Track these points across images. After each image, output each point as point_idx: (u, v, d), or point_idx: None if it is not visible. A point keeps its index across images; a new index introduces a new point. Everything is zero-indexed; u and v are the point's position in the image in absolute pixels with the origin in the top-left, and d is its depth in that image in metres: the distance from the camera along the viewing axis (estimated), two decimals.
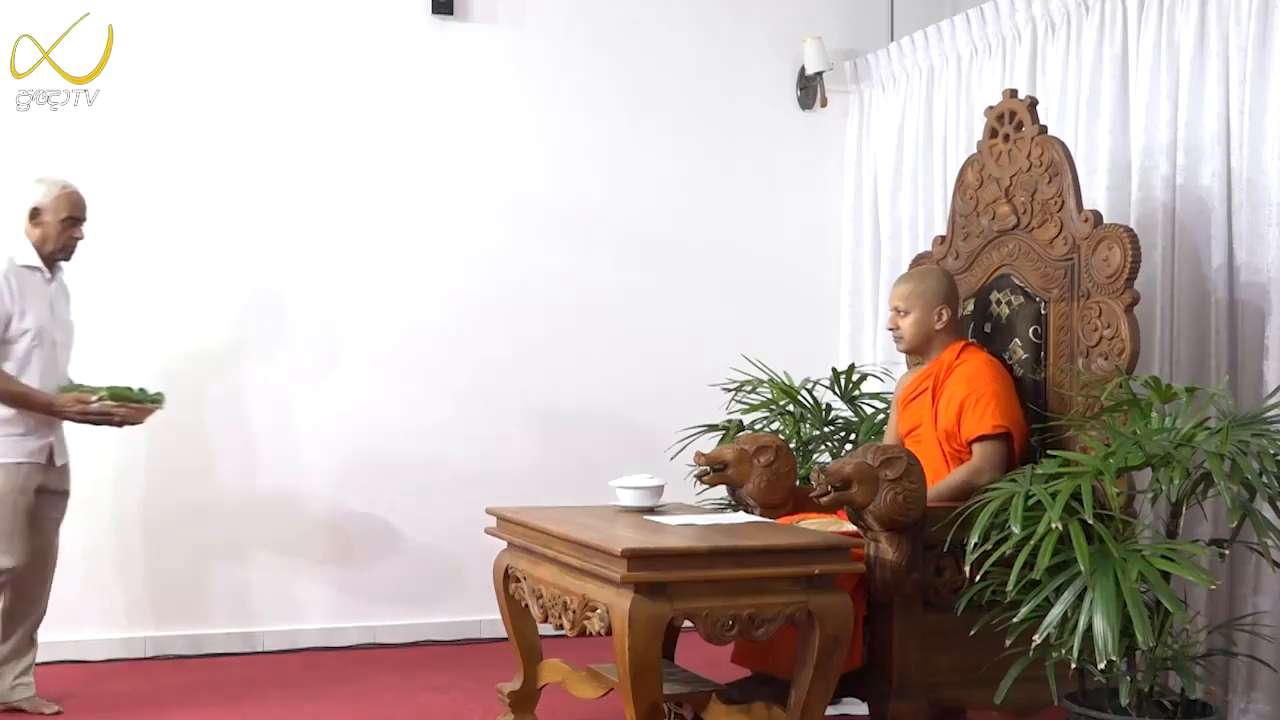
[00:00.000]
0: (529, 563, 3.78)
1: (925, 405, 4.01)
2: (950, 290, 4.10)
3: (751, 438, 4.12)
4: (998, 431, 3.80)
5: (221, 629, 5.24)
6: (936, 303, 4.04)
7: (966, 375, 3.92)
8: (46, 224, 4.23)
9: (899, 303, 4.09)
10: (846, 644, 3.32)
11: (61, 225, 4.25)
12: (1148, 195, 4.29)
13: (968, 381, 3.90)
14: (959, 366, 3.97)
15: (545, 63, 5.72)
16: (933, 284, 4.08)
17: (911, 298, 4.06)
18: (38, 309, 4.20)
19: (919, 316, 4.05)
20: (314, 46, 5.41)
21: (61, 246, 4.29)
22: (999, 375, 3.94)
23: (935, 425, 3.95)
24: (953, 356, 4.00)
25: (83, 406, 4.20)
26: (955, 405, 3.89)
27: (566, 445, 5.59)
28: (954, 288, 4.13)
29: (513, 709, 4.03)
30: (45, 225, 4.23)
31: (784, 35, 6.01)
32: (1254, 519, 3.15)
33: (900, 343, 4.14)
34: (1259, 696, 3.93)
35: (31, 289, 4.20)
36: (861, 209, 5.99)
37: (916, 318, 4.05)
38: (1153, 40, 4.31)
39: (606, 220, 5.77)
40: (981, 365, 3.95)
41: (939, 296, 4.05)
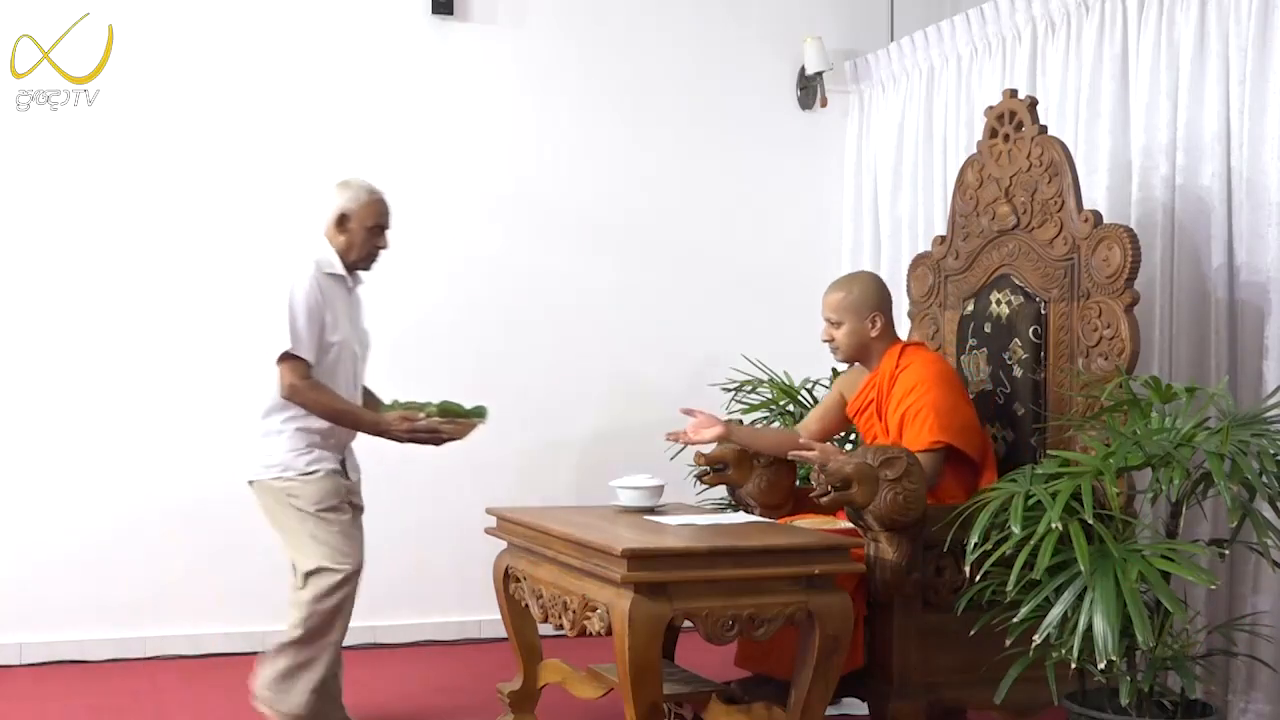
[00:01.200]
0: (529, 563, 3.78)
1: (875, 420, 3.93)
2: (881, 295, 3.99)
3: None
4: (934, 447, 3.69)
5: (221, 629, 5.23)
6: (868, 310, 3.92)
7: (908, 385, 3.81)
8: (353, 231, 3.97)
9: (830, 314, 3.96)
10: (846, 644, 3.33)
11: (368, 233, 3.98)
12: (1148, 195, 4.29)
13: (909, 393, 3.79)
14: (901, 375, 3.86)
15: (545, 63, 5.73)
16: (862, 291, 3.95)
17: (842, 308, 3.94)
18: (342, 320, 3.96)
19: (852, 326, 3.93)
20: (314, 46, 5.41)
21: (365, 255, 4.02)
22: (939, 381, 3.80)
23: (887, 438, 3.87)
24: (892, 364, 3.90)
25: (410, 425, 3.94)
26: (897, 420, 3.80)
27: (566, 445, 5.59)
28: (885, 292, 4.02)
29: (513, 709, 4.03)
30: (351, 232, 3.97)
31: (784, 35, 6.01)
32: (1254, 519, 3.16)
33: (837, 354, 4.02)
34: (1259, 696, 3.93)
35: (337, 298, 3.96)
36: (861, 209, 5.99)
37: (850, 328, 3.93)
38: (1153, 40, 4.31)
39: (606, 220, 5.78)
40: (922, 373, 3.82)
41: (870, 303, 3.93)
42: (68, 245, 5.12)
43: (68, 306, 5.12)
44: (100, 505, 5.10)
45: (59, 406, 5.10)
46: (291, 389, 3.81)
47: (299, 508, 3.83)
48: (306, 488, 3.85)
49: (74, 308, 5.13)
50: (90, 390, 5.13)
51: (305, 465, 3.86)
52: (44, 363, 5.09)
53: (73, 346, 5.12)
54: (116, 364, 5.17)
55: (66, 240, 5.12)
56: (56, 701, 4.52)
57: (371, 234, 4.00)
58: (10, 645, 5.01)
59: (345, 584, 3.80)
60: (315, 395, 3.84)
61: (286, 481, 3.85)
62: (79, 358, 5.13)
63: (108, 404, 5.14)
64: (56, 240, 5.11)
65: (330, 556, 3.80)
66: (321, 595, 3.78)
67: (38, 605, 5.02)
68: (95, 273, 5.15)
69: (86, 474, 5.11)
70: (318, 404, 3.85)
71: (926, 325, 4.55)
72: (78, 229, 5.13)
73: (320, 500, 3.85)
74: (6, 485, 5.04)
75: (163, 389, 5.20)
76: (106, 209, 5.18)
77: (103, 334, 5.15)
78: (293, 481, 3.85)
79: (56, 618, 5.05)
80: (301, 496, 3.84)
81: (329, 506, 3.85)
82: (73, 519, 5.08)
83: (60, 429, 5.09)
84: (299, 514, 3.84)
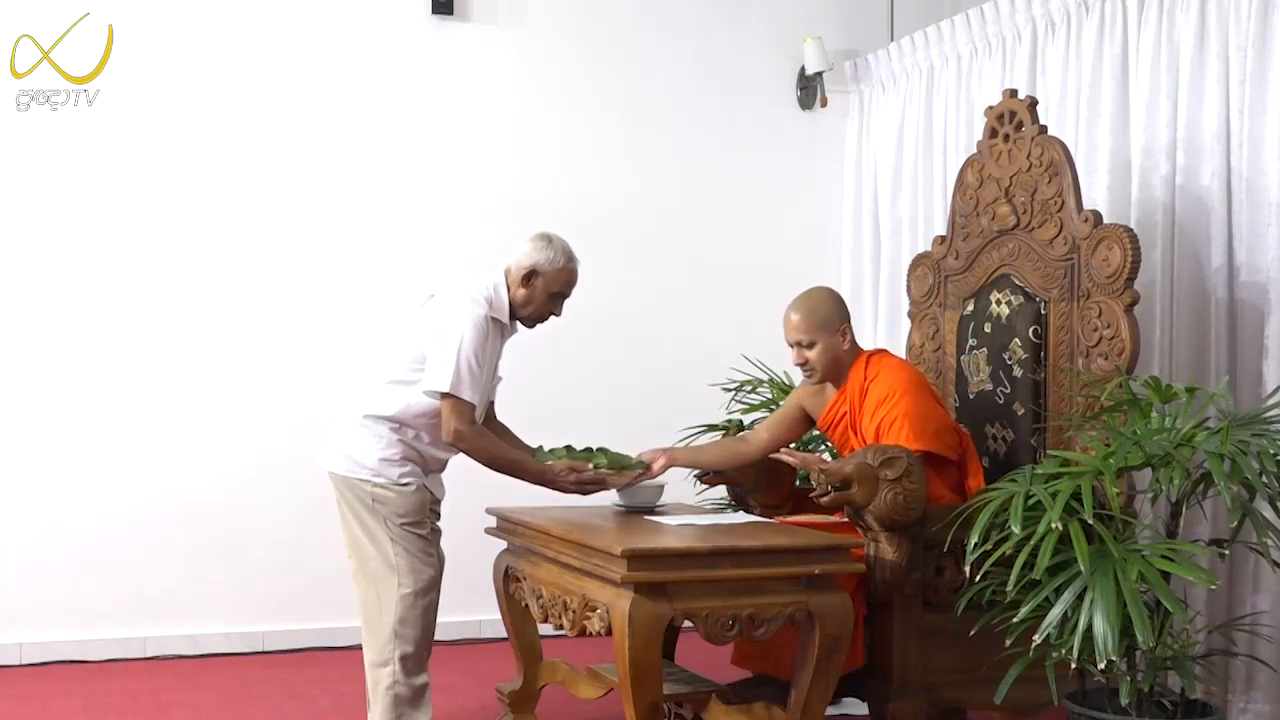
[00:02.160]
0: (529, 563, 3.78)
1: (850, 435, 3.88)
2: (844, 307, 3.91)
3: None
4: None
5: (221, 629, 5.24)
6: (837, 325, 3.84)
7: (880, 395, 3.75)
8: (536, 290, 3.78)
9: (800, 336, 3.84)
10: (846, 644, 3.32)
11: (550, 298, 3.81)
12: (1148, 195, 4.29)
13: (882, 402, 3.74)
14: (871, 386, 3.81)
15: (545, 63, 5.73)
16: (828, 307, 3.87)
17: (813, 328, 3.83)
18: (490, 370, 3.82)
19: (826, 344, 3.83)
20: (314, 47, 5.41)
21: (537, 317, 3.86)
22: (910, 388, 3.75)
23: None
24: (861, 376, 3.84)
25: (577, 477, 3.81)
26: (873, 432, 3.75)
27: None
28: (844, 303, 3.95)
29: (513, 709, 4.03)
30: (534, 290, 3.78)
31: (784, 35, 6.01)
32: (1254, 519, 3.16)
33: (813, 376, 3.89)
34: (1258, 696, 3.93)
35: (493, 345, 3.80)
36: (861, 209, 5.99)
37: (824, 346, 3.83)
38: (1153, 40, 4.31)
39: (607, 220, 5.77)
40: (892, 381, 3.77)
41: (838, 318, 3.85)
42: (68, 245, 5.12)
43: (68, 306, 5.12)
44: (100, 505, 5.10)
45: (59, 407, 5.10)
46: (457, 435, 3.65)
47: (385, 516, 3.71)
48: (396, 498, 3.71)
49: (74, 308, 5.12)
50: (90, 390, 5.13)
51: (399, 476, 3.72)
52: (44, 363, 5.09)
53: (73, 347, 5.12)
54: (116, 364, 5.17)
55: (67, 240, 5.12)
56: (56, 701, 4.52)
57: (553, 300, 3.83)
58: (10, 645, 5.01)
59: (424, 594, 3.71)
60: (482, 443, 3.72)
61: (375, 487, 3.71)
62: (79, 358, 5.13)
63: (108, 404, 5.14)
64: (57, 240, 5.11)
65: (409, 569, 3.69)
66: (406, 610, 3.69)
67: (38, 605, 5.02)
68: (95, 273, 5.15)
69: (87, 474, 5.11)
70: (483, 452, 3.73)
71: (926, 325, 4.55)
72: (78, 229, 5.14)
73: (406, 514, 3.71)
74: (7, 485, 5.04)
75: (163, 389, 5.20)
76: (107, 209, 5.18)
77: (103, 334, 5.15)
78: (383, 489, 3.71)
79: (56, 618, 5.05)
80: (389, 505, 3.71)
81: (414, 521, 3.72)
82: (73, 519, 5.08)
83: (60, 429, 5.09)
84: (383, 523, 3.71)
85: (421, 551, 3.73)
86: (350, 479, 3.73)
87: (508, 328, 3.87)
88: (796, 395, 4.09)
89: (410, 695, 3.71)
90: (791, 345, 3.89)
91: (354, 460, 3.72)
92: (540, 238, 3.82)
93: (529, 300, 3.80)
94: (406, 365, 3.72)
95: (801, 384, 4.11)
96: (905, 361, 4.03)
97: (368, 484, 3.70)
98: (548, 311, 3.86)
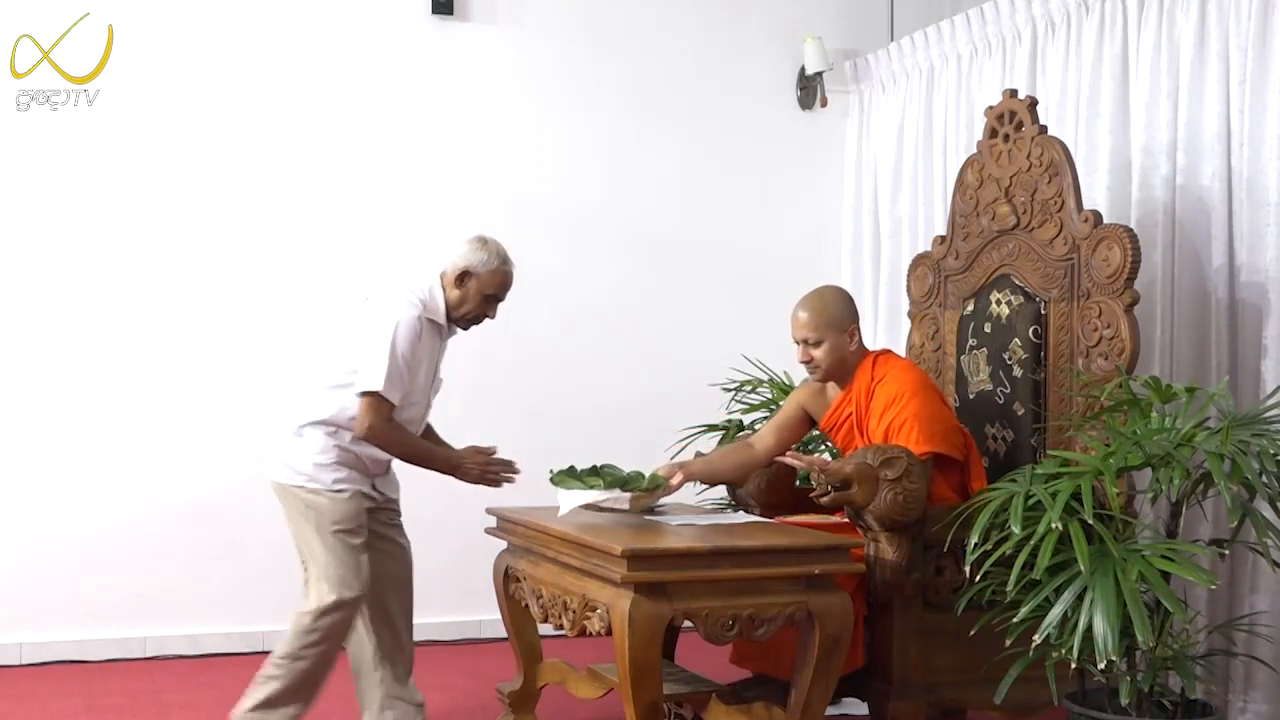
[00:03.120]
0: (529, 563, 3.78)
1: (856, 435, 3.87)
2: (853, 307, 3.91)
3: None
4: (923, 458, 3.61)
5: (221, 629, 5.24)
6: (846, 324, 3.83)
7: (888, 397, 3.74)
8: (470, 290, 3.83)
9: (808, 334, 3.83)
10: (846, 644, 3.32)
11: (484, 299, 3.86)
12: (1148, 195, 4.29)
13: (891, 404, 3.73)
14: (878, 387, 3.80)
15: (545, 63, 5.73)
16: (838, 307, 3.86)
17: (821, 326, 3.81)
18: (425, 369, 3.84)
19: (833, 343, 3.82)
20: (314, 47, 5.41)
21: (471, 318, 3.90)
22: (918, 390, 3.74)
23: None
24: (868, 377, 3.83)
25: (482, 461, 3.89)
26: (882, 434, 3.74)
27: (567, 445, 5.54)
28: (854, 304, 3.94)
29: (513, 709, 4.03)
30: (468, 290, 3.83)
31: (784, 35, 6.01)
32: (1254, 519, 3.16)
33: (817, 373, 3.89)
34: (1257, 696, 3.93)
35: (427, 347, 3.83)
36: (861, 209, 5.99)
37: (831, 345, 3.82)
38: (1153, 40, 4.31)
39: (607, 220, 5.77)
40: (900, 382, 3.76)
41: (847, 317, 3.85)
42: (68, 245, 5.12)
43: (68, 306, 5.12)
44: (100, 505, 5.10)
45: (59, 407, 5.10)
46: (371, 430, 3.68)
47: (316, 523, 3.73)
48: (329, 504, 3.73)
49: (74, 308, 5.12)
50: (90, 390, 5.13)
51: (333, 481, 3.74)
52: (44, 363, 5.09)
53: (73, 347, 5.12)
54: (117, 364, 5.17)
55: (67, 240, 5.12)
56: (56, 701, 4.52)
57: (486, 301, 3.88)
58: (10, 645, 5.01)
59: (340, 609, 3.69)
60: (395, 436, 3.75)
61: (309, 493, 3.74)
62: (79, 358, 5.13)
63: (108, 404, 5.14)
64: (57, 240, 5.11)
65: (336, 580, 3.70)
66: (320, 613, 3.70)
67: (38, 605, 5.02)
68: (95, 273, 5.15)
69: (87, 474, 5.11)
70: (397, 445, 3.78)
71: (926, 325, 4.55)
72: (78, 229, 5.13)
73: (340, 520, 3.73)
74: (7, 485, 5.04)
75: (163, 389, 5.20)
76: (106, 209, 5.17)
77: (102, 334, 5.15)
78: (316, 495, 3.74)
79: (56, 618, 5.05)
80: (323, 512, 3.73)
81: (346, 529, 3.73)
82: (73, 519, 5.08)
83: (60, 429, 5.09)
84: (315, 530, 3.73)
85: (354, 563, 3.73)
86: (287, 486, 3.78)
87: (444, 329, 3.90)
88: (797, 396, 4.08)
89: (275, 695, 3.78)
90: (798, 342, 3.88)
91: (290, 467, 3.77)
92: (476, 240, 3.88)
93: (463, 301, 3.86)
94: (343, 369, 3.76)
95: (802, 383, 4.10)
96: (911, 362, 4.03)
97: (303, 490, 3.75)
98: (482, 313, 3.91)
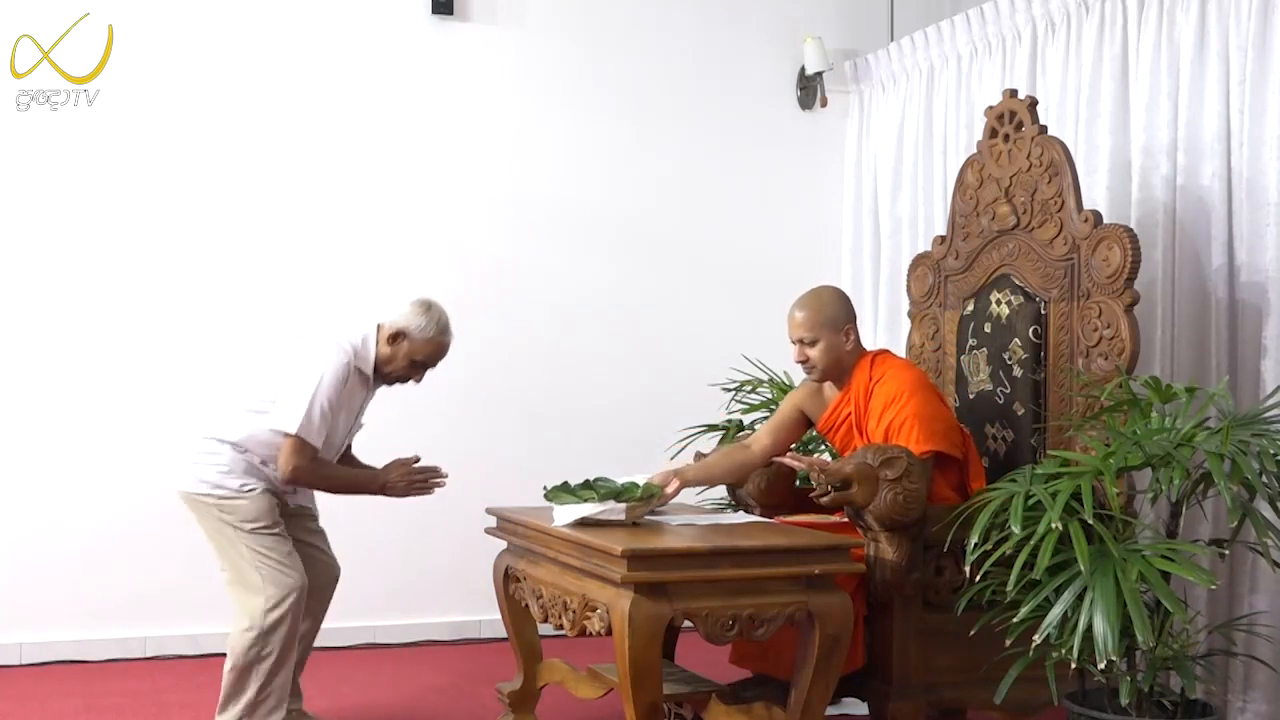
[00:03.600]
0: (529, 563, 3.78)
1: (854, 435, 3.87)
2: (850, 307, 3.92)
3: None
4: (924, 457, 3.61)
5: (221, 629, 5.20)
6: (842, 324, 3.85)
7: (886, 397, 3.75)
8: (400, 352, 3.86)
9: (804, 334, 3.84)
10: (846, 644, 3.32)
11: (411, 364, 3.89)
12: (1148, 195, 4.29)
13: (890, 404, 3.74)
14: (876, 387, 3.80)
15: (545, 63, 5.73)
16: (834, 306, 3.87)
17: (817, 326, 3.83)
18: (345, 416, 3.90)
19: (829, 343, 3.83)
20: (314, 47, 5.41)
21: (396, 378, 3.94)
22: (917, 389, 3.75)
23: None
24: (866, 377, 3.84)
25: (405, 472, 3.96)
26: (881, 435, 3.74)
27: (567, 445, 5.58)
28: (850, 304, 3.95)
29: (513, 709, 4.03)
30: (398, 350, 3.86)
31: (784, 35, 6.01)
32: (1254, 519, 3.16)
33: (813, 373, 3.90)
34: (1257, 696, 3.93)
35: (351, 396, 3.88)
36: (861, 209, 5.99)
37: (826, 345, 3.83)
38: (1153, 40, 4.31)
39: (607, 220, 5.78)
40: (899, 382, 3.77)
41: (843, 317, 3.86)
42: (68, 245, 5.12)
43: (67, 306, 5.12)
44: (100, 505, 5.10)
45: (58, 406, 5.10)
46: (296, 471, 3.76)
47: (234, 526, 3.80)
48: (244, 504, 3.80)
49: (73, 307, 5.12)
50: (90, 390, 5.13)
51: (239, 485, 3.82)
52: (44, 362, 5.09)
53: (72, 346, 5.12)
54: (116, 364, 5.17)
55: (66, 240, 5.12)
56: (56, 701, 4.52)
57: (414, 366, 3.91)
58: (10, 645, 5.01)
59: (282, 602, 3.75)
60: (318, 474, 3.83)
61: (219, 499, 3.81)
62: (78, 358, 5.13)
63: (107, 404, 5.14)
64: (56, 240, 5.11)
65: (271, 579, 3.76)
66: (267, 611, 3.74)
67: (38, 605, 5.02)
68: (95, 273, 5.15)
69: (86, 474, 5.11)
70: (321, 481, 3.88)
71: (926, 325, 4.55)
72: (78, 229, 5.13)
73: (255, 518, 3.80)
74: (6, 486, 5.04)
75: (163, 389, 5.20)
76: (106, 209, 5.17)
77: (102, 334, 5.15)
78: (227, 499, 3.81)
79: (56, 618, 5.05)
80: (236, 513, 3.80)
81: (265, 525, 3.81)
82: (72, 519, 5.08)
83: (60, 429, 5.09)
84: (234, 532, 3.80)
85: (283, 555, 3.80)
86: (194, 495, 3.85)
87: (371, 380, 3.93)
88: (793, 398, 4.08)
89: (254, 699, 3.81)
90: (794, 342, 3.89)
91: (195, 477, 3.85)
92: (420, 303, 3.91)
93: (391, 359, 3.89)
94: (264, 397, 3.83)
95: (801, 384, 4.10)
96: (909, 362, 4.03)
97: (210, 497, 3.82)
98: (407, 376, 3.94)
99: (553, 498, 3.67)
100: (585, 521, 3.52)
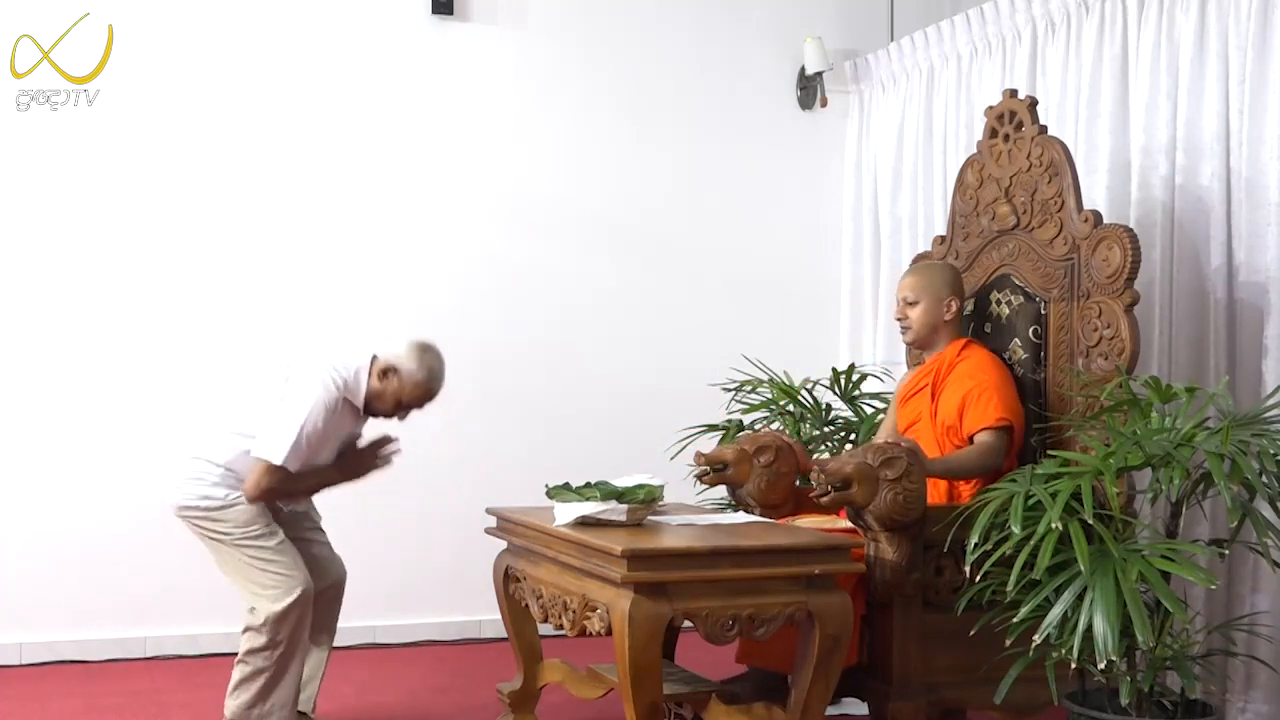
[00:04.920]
0: (529, 563, 3.78)
1: (925, 401, 4.03)
2: (958, 283, 4.12)
3: (751, 437, 4.12)
4: (1000, 424, 3.81)
5: (221, 629, 5.22)
6: (945, 295, 4.05)
7: (969, 370, 3.94)
8: (388, 389, 3.87)
9: (908, 293, 4.09)
10: (846, 644, 3.33)
11: (397, 403, 3.90)
12: (1147, 195, 4.29)
13: (969, 376, 3.92)
14: (960, 363, 3.98)
15: (545, 63, 5.73)
16: (941, 276, 4.10)
17: (920, 289, 4.07)
18: (331, 446, 3.93)
19: (927, 307, 4.05)
20: (314, 47, 5.41)
21: (381, 414, 3.95)
22: (1000, 370, 3.96)
23: (934, 420, 3.95)
24: (954, 353, 4.02)
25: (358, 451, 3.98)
26: (957, 400, 3.89)
27: (567, 445, 5.58)
28: (960, 281, 4.15)
29: (513, 709, 4.03)
30: (387, 390, 3.87)
31: (784, 35, 6.01)
32: (1254, 519, 3.16)
33: (907, 333, 4.13)
34: (1257, 696, 3.93)
35: (340, 427, 3.90)
36: (861, 209, 5.99)
37: (925, 308, 4.05)
38: (1153, 40, 4.31)
39: (607, 220, 5.78)
40: (984, 361, 3.97)
41: (947, 289, 4.07)
42: (68, 245, 5.12)
43: (67, 306, 5.12)
44: (99, 505, 5.10)
45: (58, 406, 5.09)
46: (264, 492, 3.79)
47: (231, 535, 3.83)
48: (234, 513, 3.83)
49: (73, 308, 5.12)
50: (90, 390, 5.13)
51: (225, 496, 3.84)
52: (44, 363, 5.09)
53: (72, 347, 5.12)
54: (117, 364, 5.16)
55: (66, 240, 5.12)
56: (56, 701, 4.52)
57: (399, 405, 3.92)
58: (10, 645, 5.01)
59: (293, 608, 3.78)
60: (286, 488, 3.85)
61: (207, 511, 3.85)
62: (79, 358, 5.13)
63: (107, 404, 5.14)
64: (56, 240, 5.11)
65: (274, 582, 3.79)
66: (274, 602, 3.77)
67: (38, 605, 5.02)
68: (95, 273, 5.15)
69: (86, 474, 5.11)
70: (289, 494, 3.90)
71: None
72: (78, 229, 5.13)
73: (247, 524, 3.83)
74: (7, 486, 5.04)
75: (163, 389, 5.20)
76: (106, 209, 5.17)
77: (102, 334, 5.15)
78: (217, 510, 3.84)
79: (56, 618, 5.05)
80: (227, 522, 3.83)
81: (260, 531, 3.83)
82: (72, 519, 5.08)
83: (59, 429, 5.09)
84: (233, 541, 3.83)
85: (284, 556, 3.83)
86: (184, 508, 3.89)
87: (359, 412, 3.94)
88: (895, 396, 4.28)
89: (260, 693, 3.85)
90: (899, 300, 4.14)
91: (184, 492, 3.88)
92: (418, 346, 3.92)
93: (379, 395, 3.90)
94: (253, 422, 3.84)
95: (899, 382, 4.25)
96: (1000, 358, 4.08)
97: (197, 509, 3.86)
98: (394, 414, 3.95)
99: (555, 495, 3.67)
100: (586, 520, 3.52)
